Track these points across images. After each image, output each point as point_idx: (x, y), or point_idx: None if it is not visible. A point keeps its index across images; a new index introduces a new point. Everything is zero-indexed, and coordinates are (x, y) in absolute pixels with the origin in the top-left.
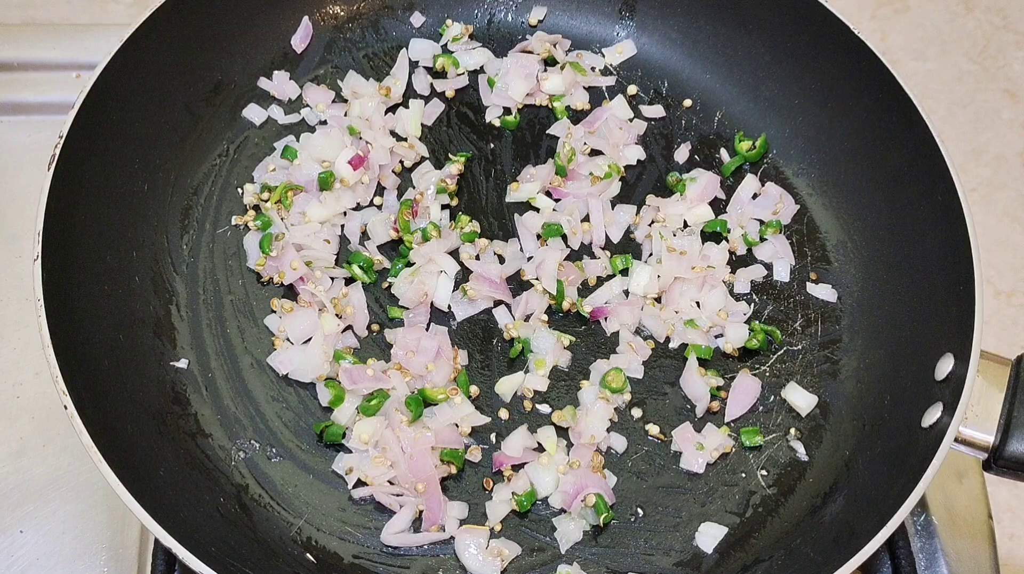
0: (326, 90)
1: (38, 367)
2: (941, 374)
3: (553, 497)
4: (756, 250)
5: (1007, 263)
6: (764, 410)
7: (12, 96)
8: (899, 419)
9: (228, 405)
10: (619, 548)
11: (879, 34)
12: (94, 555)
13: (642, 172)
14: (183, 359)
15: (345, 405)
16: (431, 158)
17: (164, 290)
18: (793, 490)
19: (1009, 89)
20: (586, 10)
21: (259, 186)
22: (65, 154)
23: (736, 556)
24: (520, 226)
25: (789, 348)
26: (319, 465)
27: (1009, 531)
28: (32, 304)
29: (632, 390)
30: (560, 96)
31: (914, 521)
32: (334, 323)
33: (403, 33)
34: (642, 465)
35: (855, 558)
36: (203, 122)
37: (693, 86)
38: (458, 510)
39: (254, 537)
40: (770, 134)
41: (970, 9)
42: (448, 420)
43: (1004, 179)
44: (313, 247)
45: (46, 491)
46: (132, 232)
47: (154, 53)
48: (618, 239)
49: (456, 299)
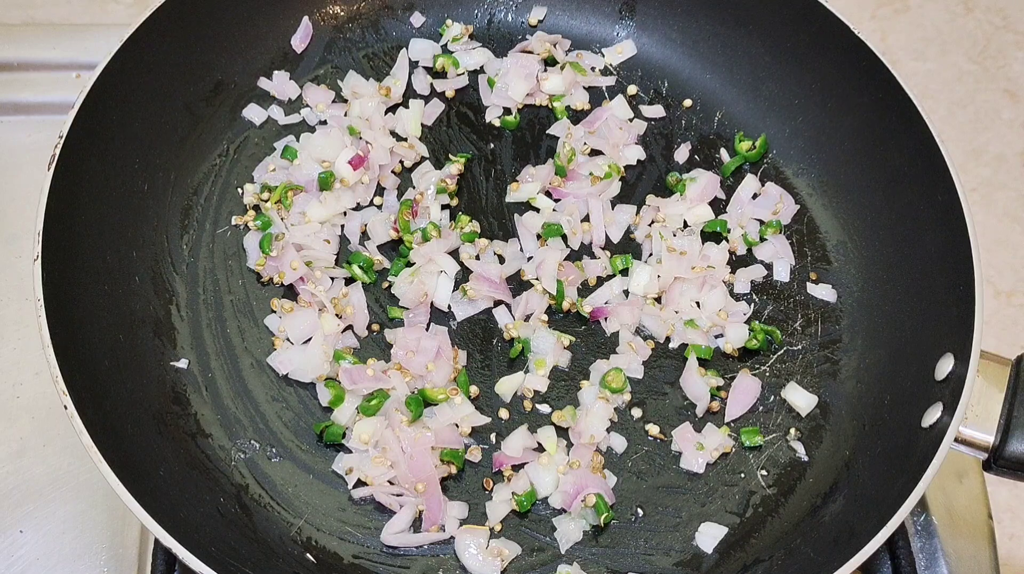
0: (326, 90)
1: (38, 367)
2: (941, 374)
3: (553, 497)
4: (756, 250)
5: (1007, 263)
6: (764, 410)
7: (12, 96)
8: (899, 419)
9: (228, 405)
10: (619, 548)
11: (879, 34)
12: (94, 555)
13: (642, 172)
14: (183, 359)
15: (345, 405)
16: (431, 158)
17: (164, 290)
18: (793, 490)
19: (1009, 89)
20: (586, 10)
21: (259, 186)
22: (65, 154)
23: (736, 556)
24: (520, 226)
25: (789, 348)
26: (319, 465)
27: (1009, 531)
28: (32, 304)
29: (632, 390)
30: (560, 96)
31: (914, 521)
32: (334, 323)
33: (403, 33)
34: (642, 465)
35: (855, 558)
36: (203, 122)
37: (693, 86)
38: (458, 510)
39: (254, 537)
40: (770, 134)
41: (970, 9)
42: (448, 420)
43: (1004, 179)
44: (313, 247)
45: (46, 491)
46: (132, 232)
47: (154, 53)
48: (618, 239)
49: (456, 299)
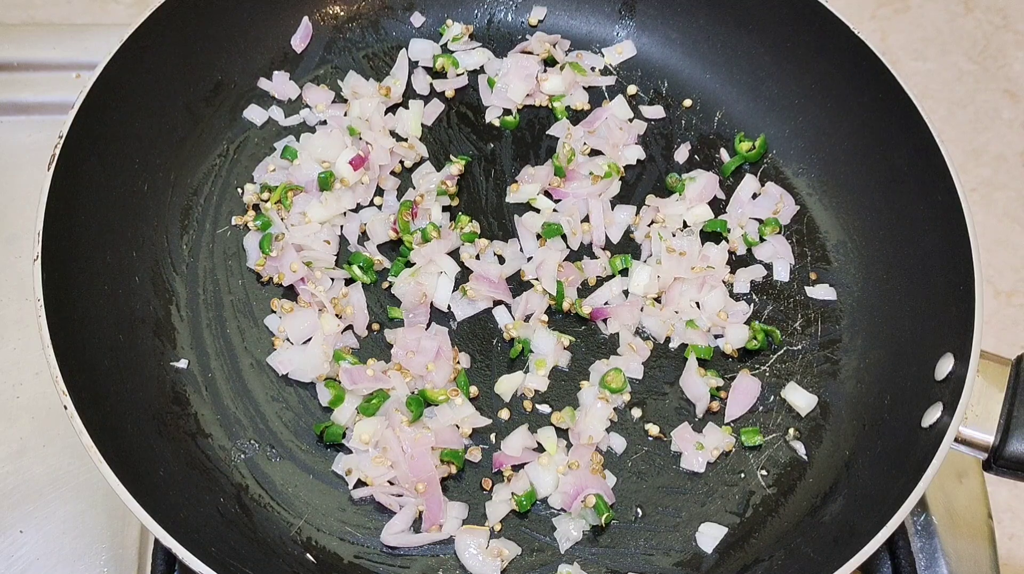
0: (326, 90)
1: (38, 367)
2: (941, 374)
3: (553, 497)
4: (756, 250)
5: (1007, 263)
6: (764, 410)
7: (12, 96)
8: (899, 419)
9: (228, 405)
10: (619, 548)
11: (879, 34)
12: (94, 555)
13: (642, 172)
14: (183, 359)
15: (345, 405)
16: (431, 158)
17: (164, 290)
18: (793, 490)
19: (1009, 89)
20: (586, 10)
21: (259, 186)
22: (65, 154)
23: (736, 556)
24: (520, 226)
25: (789, 348)
26: (319, 465)
27: (1009, 531)
28: (32, 304)
29: (632, 390)
30: (560, 96)
31: (914, 521)
32: (334, 323)
33: (403, 33)
34: (642, 465)
35: (855, 558)
36: (203, 122)
37: (693, 86)
38: (458, 510)
39: (254, 537)
40: (770, 134)
41: (970, 9)
42: (449, 421)
43: (1004, 179)
44: (313, 247)
45: (46, 491)
46: (132, 232)
47: (154, 53)
48: (618, 239)
49: (456, 299)
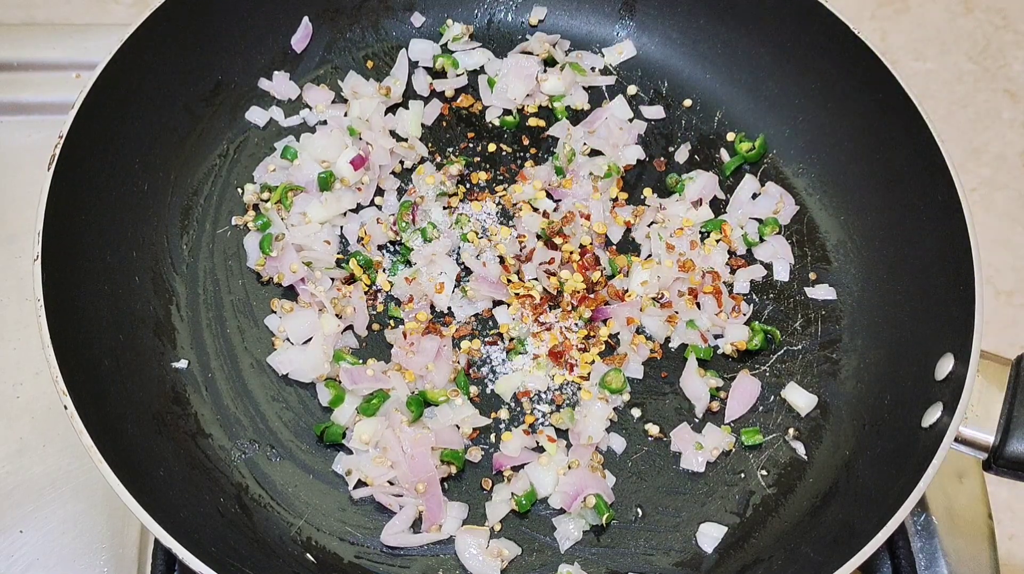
0: (326, 90)
1: (38, 367)
2: (941, 374)
3: (553, 497)
4: (756, 250)
5: (1007, 263)
6: (764, 410)
7: (12, 96)
8: (899, 419)
9: (228, 405)
10: (619, 548)
11: (879, 34)
12: (94, 555)
13: (642, 172)
14: (183, 359)
15: (345, 405)
16: (431, 158)
17: (164, 290)
18: (793, 490)
19: (1009, 89)
20: (586, 10)
21: (259, 186)
22: (65, 154)
23: (736, 556)
24: (520, 226)
25: (789, 348)
26: (319, 465)
27: (1009, 531)
28: (32, 304)
29: (632, 390)
30: (560, 96)
31: (914, 521)
32: (334, 323)
33: (403, 33)
34: (642, 465)
35: (855, 558)
36: (203, 122)
37: (693, 86)
38: (458, 510)
39: (254, 537)
40: (770, 134)
41: (970, 9)
42: (449, 421)
43: (1004, 179)
44: (313, 247)
45: (46, 491)
46: (132, 232)
47: (154, 53)
48: (618, 239)
49: (456, 299)
